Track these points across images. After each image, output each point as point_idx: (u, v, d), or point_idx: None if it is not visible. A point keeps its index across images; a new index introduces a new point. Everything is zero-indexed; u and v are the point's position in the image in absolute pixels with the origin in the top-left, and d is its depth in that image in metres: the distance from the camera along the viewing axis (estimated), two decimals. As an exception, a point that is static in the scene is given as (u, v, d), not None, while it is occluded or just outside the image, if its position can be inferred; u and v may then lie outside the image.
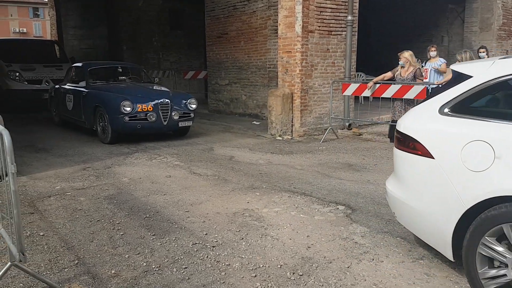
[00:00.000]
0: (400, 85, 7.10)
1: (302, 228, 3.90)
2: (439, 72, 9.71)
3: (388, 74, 7.47)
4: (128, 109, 7.39)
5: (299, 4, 8.16)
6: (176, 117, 7.87)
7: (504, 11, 13.29)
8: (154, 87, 8.60)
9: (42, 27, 58.19)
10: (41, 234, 3.79)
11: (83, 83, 8.72)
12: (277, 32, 9.03)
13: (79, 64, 9.59)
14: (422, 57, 13.76)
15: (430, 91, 9.63)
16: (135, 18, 15.31)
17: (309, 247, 3.49)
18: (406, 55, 7.18)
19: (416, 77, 7.17)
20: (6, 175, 2.68)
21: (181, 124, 8.03)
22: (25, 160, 6.61)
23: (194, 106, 8.17)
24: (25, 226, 3.94)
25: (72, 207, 4.50)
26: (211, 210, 4.39)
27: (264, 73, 10.88)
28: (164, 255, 3.37)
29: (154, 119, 7.57)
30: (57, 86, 10.00)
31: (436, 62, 9.83)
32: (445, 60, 10.12)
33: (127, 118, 7.43)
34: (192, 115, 8.20)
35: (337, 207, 4.47)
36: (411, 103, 7.10)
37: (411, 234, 3.72)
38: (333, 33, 8.74)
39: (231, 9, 11.47)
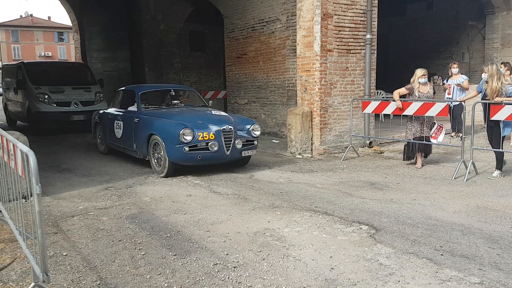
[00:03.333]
0: (421, 103, 7.01)
1: (325, 248, 3.83)
2: (462, 89, 9.59)
3: (402, 90, 7.37)
4: (189, 137, 6.50)
5: (317, 24, 8.21)
6: (239, 146, 6.95)
7: (526, 26, 13.11)
8: (213, 112, 7.54)
9: (67, 51, 60.09)
10: (64, 254, 3.82)
11: (133, 108, 7.95)
12: (295, 52, 9.09)
13: (129, 88, 8.88)
14: (443, 73, 13.62)
15: (452, 108, 9.54)
16: (157, 40, 15.65)
17: (332, 269, 3.42)
18: (425, 72, 7.18)
19: (434, 92, 7.27)
20: (31, 195, 2.73)
21: (244, 153, 7.08)
22: (49, 180, 6.73)
23: (258, 132, 7.25)
24: (48, 246, 3.98)
25: (95, 226, 4.53)
26: (232, 229, 4.36)
27: (283, 91, 10.92)
28: (185, 275, 3.34)
29: (216, 148, 6.68)
30: (102, 111, 9.18)
31: (458, 79, 9.73)
32: (467, 77, 10.01)
33: (187, 148, 6.53)
34: (255, 142, 7.25)
35: (360, 227, 4.38)
36: (430, 120, 7.06)
37: (438, 255, 3.63)
38: (352, 51, 8.74)
39: (250, 30, 11.62)
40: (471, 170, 6.47)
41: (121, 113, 8.21)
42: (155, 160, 7.06)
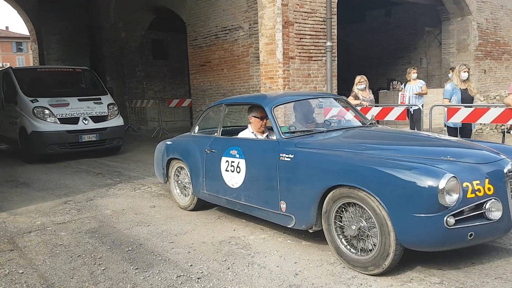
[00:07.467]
0: (381, 107, 7.20)
1: (290, 254, 3.83)
2: (418, 96, 9.86)
3: (351, 99, 7.67)
4: (454, 197, 3.01)
5: (279, 32, 8.30)
6: None
7: (480, 32, 13.70)
8: (438, 136, 4.30)
9: (26, 61, 58.16)
10: (20, 271, 3.66)
11: (247, 134, 4.86)
12: (259, 59, 9.14)
13: (239, 100, 5.96)
14: (403, 79, 13.99)
15: (412, 112, 9.81)
16: (118, 49, 15.39)
17: (296, 274, 3.42)
18: (365, 78, 7.69)
19: None
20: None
21: None
22: (5, 195, 6.45)
23: None
24: (4, 263, 3.82)
25: (53, 242, 4.37)
26: (197, 239, 4.30)
27: (247, 99, 10.94)
28: (148, 289, 3.27)
29: (499, 214, 3.18)
30: (177, 140, 5.70)
31: (416, 84, 10.01)
32: (424, 82, 10.32)
33: (452, 220, 3.01)
34: None
35: (324, 231, 4.41)
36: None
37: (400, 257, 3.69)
38: (313, 58, 8.87)
39: (213, 38, 11.61)
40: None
41: (239, 144, 4.59)
42: (344, 239, 3.56)
